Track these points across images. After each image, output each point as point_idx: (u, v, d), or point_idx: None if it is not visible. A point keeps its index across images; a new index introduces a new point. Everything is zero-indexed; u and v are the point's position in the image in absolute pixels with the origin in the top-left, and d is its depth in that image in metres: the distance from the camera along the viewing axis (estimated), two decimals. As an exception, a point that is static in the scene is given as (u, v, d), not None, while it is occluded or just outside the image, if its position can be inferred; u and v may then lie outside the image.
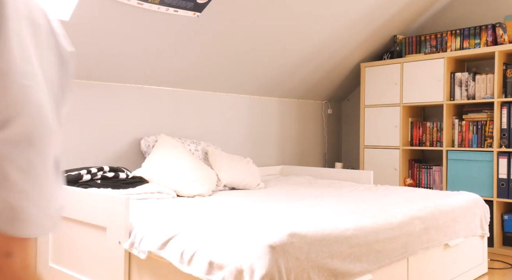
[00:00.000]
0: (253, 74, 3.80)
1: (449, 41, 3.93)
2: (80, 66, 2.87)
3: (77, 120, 2.98)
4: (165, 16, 2.77)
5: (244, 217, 2.12)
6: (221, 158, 3.32)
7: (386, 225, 2.17)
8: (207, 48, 3.24)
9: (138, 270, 2.13)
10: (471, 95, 3.74)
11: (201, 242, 1.84)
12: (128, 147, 3.24)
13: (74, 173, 2.65)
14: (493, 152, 3.57)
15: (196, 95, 3.67)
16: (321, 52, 3.94)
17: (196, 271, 1.79)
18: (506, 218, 3.56)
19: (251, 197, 2.86)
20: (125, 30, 2.75)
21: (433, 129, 3.98)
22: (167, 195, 2.78)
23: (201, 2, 2.76)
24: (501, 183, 3.52)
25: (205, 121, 3.73)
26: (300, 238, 1.76)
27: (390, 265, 2.17)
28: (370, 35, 4.06)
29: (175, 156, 3.03)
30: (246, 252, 1.68)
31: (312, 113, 4.73)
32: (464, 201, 2.81)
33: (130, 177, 2.84)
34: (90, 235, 2.38)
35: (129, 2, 2.53)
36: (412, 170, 4.14)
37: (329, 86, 4.60)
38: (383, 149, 4.21)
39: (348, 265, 1.91)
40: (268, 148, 4.27)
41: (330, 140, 4.93)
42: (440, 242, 2.52)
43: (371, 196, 2.88)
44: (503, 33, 3.66)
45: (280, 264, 1.65)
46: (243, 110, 4.04)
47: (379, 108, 4.25)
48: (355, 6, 3.53)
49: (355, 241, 1.97)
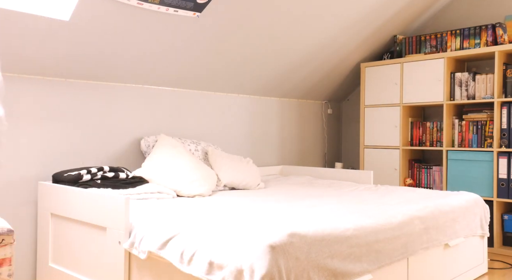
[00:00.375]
0: (253, 74, 3.80)
1: (449, 41, 3.93)
2: (80, 66, 2.87)
3: (77, 120, 2.98)
4: (165, 16, 2.78)
5: (244, 217, 2.12)
6: (221, 158, 3.32)
7: (386, 225, 2.17)
8: (207, 48, 3.24)
9: (138, 270, 2.13)
10: (471, 95, 3.74)
11: (201, 242, 1.84)
12: (128, 147, 3.24)
13: (74, 173, 2.65)
14: (493, 152, 3.57)
15: (196, 95, 3.67)
16: (321, 52, 3.94)
17: (196, 271, 1.79)
18: (506, 218, 3.57)
19: (251, 197, 2.86)
20: (125, 30, 2.75)
21: (433, 129, 3.98)
22: (167, 195, 2.78)
23: (201, 2, 2.76)
24: (501, 183, 3.52)
25: (205, 121, 3.73)
26: (300, 238, 1.76)
27: (390, 265, 2.17)
28: (370, 35, 4.06)
29: (175, 156, 3.03)
30: (246, 252, 1.68)
31: (312, 113, 4.73)
32: (464, 201, 2.81)
33: (130, 177, 2.84)
34: (90, 235, 2.38)
35: (129, 2, 2.53)
36: (412, 170, 4.14)
37: (329, 86, 4.60)
38: (383, 149, 4.21)
39: (348, 265, 1.91)
40: (268, 148, 4.27)
41: (330, 140, 4.93)
42: (440, 242, 2.52)
43: (371, 196, 2.88)
44: (503, 33, 3.66)
45: (280, 264, 1.65)
46: (243, 110, 4.04)
47: (379, 108, 4.25)
48: (355, 6, 3.53)
49: (355, 241, 1.97)
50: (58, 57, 2.73)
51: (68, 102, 2.95)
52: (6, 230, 1.87)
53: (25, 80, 2.76)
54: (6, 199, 2.71)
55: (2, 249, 1.84)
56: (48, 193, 2.66)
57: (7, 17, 2.34)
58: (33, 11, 2.37)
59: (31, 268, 2.81)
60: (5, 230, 1.87)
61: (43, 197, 2.71)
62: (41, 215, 2.73)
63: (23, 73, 2.74)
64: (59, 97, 2.91)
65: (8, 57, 2.58)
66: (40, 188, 2.73)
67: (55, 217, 2.64)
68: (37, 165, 2.81)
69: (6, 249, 1.85)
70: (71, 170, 2.73)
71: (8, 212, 2.72)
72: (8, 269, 1.86)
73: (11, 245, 1.87)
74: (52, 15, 2.44)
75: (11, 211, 2.73)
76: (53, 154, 2.87)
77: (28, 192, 2.79)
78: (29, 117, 2.78)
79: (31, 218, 2.80)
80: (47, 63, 2.74)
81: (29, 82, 2.78)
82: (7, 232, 1.87)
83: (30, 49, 2.58)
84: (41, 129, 2.83)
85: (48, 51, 2.65)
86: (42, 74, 2.81)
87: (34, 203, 2.81)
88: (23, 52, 2.58)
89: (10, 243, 1.87)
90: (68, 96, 2.95)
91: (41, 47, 2.61)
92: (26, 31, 2.46)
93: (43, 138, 2.84)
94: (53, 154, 2.87)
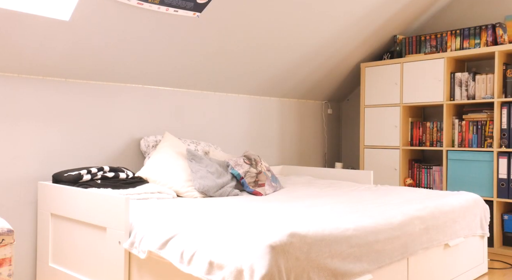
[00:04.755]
0: (253, 74, 3.80)
1: (449, 41, 3.93)
2: (80, 66, 2.87)
3: (77, 120, 2.98)
4: (165, 16, 2.78)
5: (244, 217, 2.12)
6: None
7: (386, 225, 2.17)
8: (207, 48, 3.24)
9: (138, 270, 2.13)
10: (471, 95, 3.74)
11: (201, 242, 1.84)
12: (128, 147, 3.24)
13: (74, 173, 2.65)
14: (493, 152, 3.57)
15: (196, 95, 3.67)
16: (321, 52, 3.94)
17: (196, 271, 1.79)
18: (506, 218, 3.57)
19: (251, 197, 2.86)
20: (125, 30, 2.75)
21: (433, 129, 3.98)
22: (167, 195, 2.78)
23: (201, 2, 2.76)
24: (501, 183, 3.52)
25: (205, 121, 3.73)
26: (300, 238, 1.76)
27: (390, 265, 2.17)
28: (370, 35, 4.06)
29: (176, 157, 3.03)
30: (246, 252, 1.68)
31: (312, 113, 4.73)
32: (464, 201, 2.81)
33: (130, 177, 2.84)
34: (90, 235, 2.38)
35: (129, 2, 2.53)
36: (412, 170, 4.14)
37: (329, 86, 4.60)
38: (383, 149, 4.21)
39: (348, 265, 1.91)
40: (268, 148, 4.27)
41: (330, 140, 4.94)
42: (440, 242, 2.52)
43: (371, 196, 2.88)
44: (503, 33, 3.66)
45: (280, 264, 1.65)
46: (243, 110, 4.04)
47: (379, 108, 4.25)
48: (355, 6, 3.53)
49: (355, 241, 1.97)
50: (58, 57, 2.73)
51: (68, 102, 2.95)
52: (6, 230, 1.87)
53: (25, 80, 2.76)
54: (6, 199, 2.71)
55: (2, 249, 1.84)
56: (48, 193, 2.66)
57: (7, 17, 2.34)
58: (33, 11, 2.37)
59: (31, 268, 2.81)
60: (5, 230, 1.87)
61: (43, 197, 2.71)
62: (41, 215, 2.73)
63: (23, 73, 2.74)
64: (59, 97, 2.91)
65: (8, 57, 2.58)
66: (40, 188, 2.73)
67: (55, 217, 2.64)
68: (37, 165, 2.81)
69: (6, 249, 1.85)
70: (71, 170, 2.73)
71: (8, 212, 2.72)
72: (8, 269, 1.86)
73: (11, 245, 1.87)
74: (52, 15, 2.44)
75: (11, 211, 2.73)
76: (53, 154, 2.87)
77: (28, 192, 2.79)
78: (29, 117, 2.78)
79: (31, 218, 2.81)
80: (47, 63, 2.74)
81: (29, 82, 2.78)
82: (7, 232, 1.87)
83: (30, 49, 2.58)
84: (41, 129, 2.83)
85: (48, 51, 2.65)
86: (42, 74, 2.81)
87: (34, 203, 2.81)
88: (23, 52, 2.58)
89: (10, 243, 1.87)
90: (68, 96, 2.95)
91: (41, 47, 2.61)
92: (26, 31, 2.46)
93: (43, 138, 2.84)
94: (53, 154, 2.87)
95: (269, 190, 3.07)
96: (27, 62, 2.67)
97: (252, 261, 1.64)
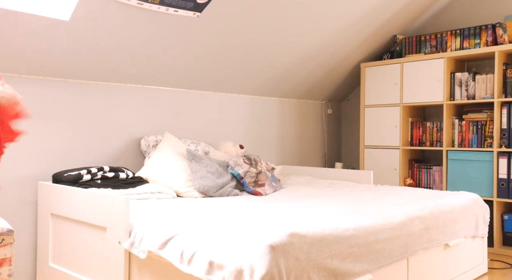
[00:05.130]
0: (253, 74, 3.80)
1: (449, 41, 3.93)
2: (80, 66, 2.87)
3: (77, 120, 2.98)
4: (165, 16, 2.78)
5: (244, 217, 2.12)
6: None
7: (386, 225, 2.17)
8: (207, 48, 3.24)
9: (138, 270, 2.13)
10: (471, 95, 3.74)
11: (201, 242, 1.84)
12: (128, 147, 3.24)
13: (74, 173, 2.65)
14: (493, 152, 3.57)
15: (196, 95, 3.67)
16: (321, 52, 3.94)
17: (196, 271, 1.79)
18: (506, 218, 3.57)
19: (251, 197, 2.86)
20: (125, 30, 2.75)
21: (433, 129, 3.98)
22: (167, 195, 2.78)
23: (201, 2, 2.76)
24: (501, 183, 3.52)
25: (205, 121, 3.73)
26: (300, 238, 1.76)
27: (390, 265, 2.17)
28: (370, 35, 4.06)
29: (176, 157, 3.03)
30: (246, 252, 1.68)
31: (312, 113, 4.73)
32: (464, 201, 2.81)
33: (130, 177, 2.84)
34: (90, 235, 2.38)
35: (129, 2, 2.53)
36: (412, 170, 4.14)
37: (329, 86, 4.60)
38: (383, 149, 4.21)
39: (348, 265, 1.91)
40: (268, 148, 4.27)
41: (330, 140, 4.94)
42: (440, 242, 2.52)
43: (371, 196, 2.88)
44: (503, 33, 3.66)
45: (280, 264, 1.65)
46: (243, 110, 4.04)
47: (379, 108, 4.25)
48: (355, 6, 3.53)
49: (355, 241, 1.97)
50: (58, 57, 2.73)
51: (68, 102, 2.95)
52: (6, 230, 1.87)
53: (25, 80, 2.76)
54: (6, 199, 2.71)
55: (2, 249, 1.84)
56: (48, 193, 2.66)
57: (7, 17, 2.34)
58: (33, 11, 2.37)
59: (31, 268, 2.81)
60: (5, 230, 1.87)
61: (43, 197, 2.71)
62: (41, 215, 2.73)
63: (23, 73, 2.74)
64: (59, 97, 2.91)
65: (8, 57, 2.58)
66: (40, 188, 2.73)
67: (55, 217, 2.64)
68: (37, 165, 2.81)
69: (6, 249, 1.85)
70: (71, 170, 2.73)
71: (8, 212, 2.72)
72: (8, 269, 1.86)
73: (11, 245, 1.87)
74: (52, 15, 2.44)
75: (11, 211, 2.73)
76: (53, 154, 2.87)
77: (28, 192, 2.79)
78: (29, 117, 2.77)
79: (31, 218, 2.81)
80: (47, 63, 2.74)
81: (29, 82, 2.78)
82: (7, 232, 1.87)
83: (30, 49, 2.58)
84: (41, 129, 2.83)
85: (48, 51, 2.65)
86: (42, 74, 2.81)
87: (34, 203, 2.81)
88: (23, 52, 2.58)
89: (10, 243, 1.87)
90: (68, 96, 2.95)
91: (41, 47, 2.61)
92: (26, 31, 2.46)
93: (43, 138, 2.84)
94: (53, 154, 2.87)
95: (269, 190, 3.07)
96: (27, 62, 2.67)
97: (252, 261, 1.64)
